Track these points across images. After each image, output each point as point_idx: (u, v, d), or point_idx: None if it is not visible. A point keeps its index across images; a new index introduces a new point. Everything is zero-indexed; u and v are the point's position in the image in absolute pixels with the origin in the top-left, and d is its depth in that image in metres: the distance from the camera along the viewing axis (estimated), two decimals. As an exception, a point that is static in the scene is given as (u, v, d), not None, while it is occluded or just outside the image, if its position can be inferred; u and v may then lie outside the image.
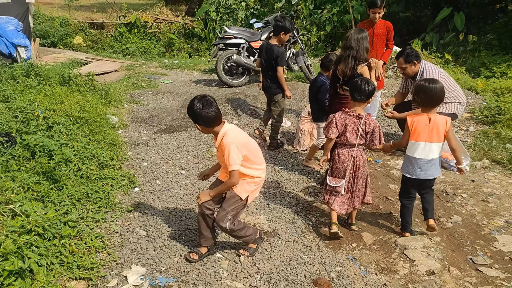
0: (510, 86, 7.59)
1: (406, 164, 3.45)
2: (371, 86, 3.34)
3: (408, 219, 3.56)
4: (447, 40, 12.26)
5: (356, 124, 3.35)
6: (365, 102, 3.38)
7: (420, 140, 3.30)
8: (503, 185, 4.43)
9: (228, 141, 2.92)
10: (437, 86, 3.27)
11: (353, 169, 3.43)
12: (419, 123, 3.30)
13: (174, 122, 6.34)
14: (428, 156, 3.32)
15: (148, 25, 15.67)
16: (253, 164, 3.07)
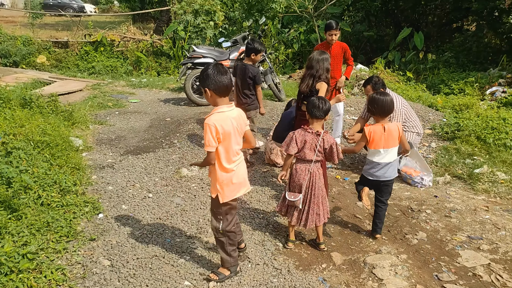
0: (467, 102, 7.91)
1: (367, 167, 3.78)
2: (328, 104, 3.54)
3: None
4: (408, 58, 12.69)
5: (314, 141, 3.50)
6: (322, 119, 3.55)
7: (379, 147, 3.65)
8: (464, 200, 4.58)
9: (208, 121, 2.91)
10: (387, 98, 3.64)
11: (309, 184, 3.55)
12: (376, 132, 3.64)
13: (142, 143, 6.26)
14: (389, 160, 3.69)
15: (115, 44, 15.54)
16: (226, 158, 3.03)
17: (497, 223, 4.03)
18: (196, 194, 4.60)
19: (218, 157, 3.01)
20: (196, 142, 6.19)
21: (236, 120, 3.03)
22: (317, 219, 3.59)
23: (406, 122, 5.25)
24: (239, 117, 3.07)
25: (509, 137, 6.04)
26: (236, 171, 3.10)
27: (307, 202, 3.57)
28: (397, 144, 3.70)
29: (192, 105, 8.55)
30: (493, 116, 6.79)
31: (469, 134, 6.21)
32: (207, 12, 14.05)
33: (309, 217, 3.57)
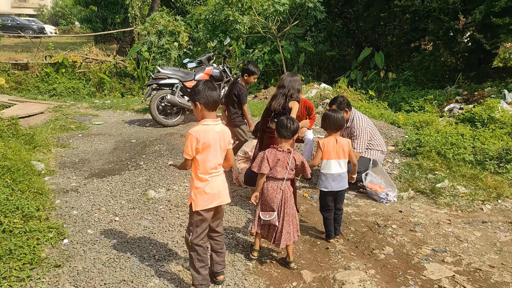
0: (427, 119, 8.22)
1: (322, 181, 4.04)
2: (296, 124, 3.67)
3: (331, 228, 4.14)
4: (370, 77, 13.09)
5: (286, 159, 3.59)
6: (290, 139, 3.67)
7: (331, 158, 3.99)
8: (427, 214, 4.71)
9: (191, 131, 3.08)
10: (339, 115, 4.05)
11: (281, 203, 3.61)
12: (329, 144, 4.00)
13: (107, 166, 6.13)
14: (340, 171, 4.01)
15: (77, 65, 15.28)
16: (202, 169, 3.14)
17: (459, 236, 4.17)
18: (164, 216, 4.54)
19: (194, 166, 3.16)
20: (163, 163, 6.13)
21: (219, 135, 3.16)
22: (288, 238, 3.63)
23: (371, 140, 5.41)
24: (222, 132, 3.19)
25: (467, 152, 6.30)
26: (211, 182, 3.18)
27: (280, 221, 3.61)
28: (347, 158, 4.05)
29: (157, 126, 8.48)
30: (451, 132, 7.08)
31: (430, 150, 6.44)
32: (171, 33, 14.09)
33: (282, 236, 3.59)
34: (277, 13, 12.88)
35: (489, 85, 10.86)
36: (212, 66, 9.11)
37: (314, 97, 10.68)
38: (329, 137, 4.06)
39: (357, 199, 5.19)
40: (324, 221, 4.16)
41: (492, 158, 6.09)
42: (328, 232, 4.15)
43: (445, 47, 12.95)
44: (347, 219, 4.61)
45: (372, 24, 15.53)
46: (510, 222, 4.49)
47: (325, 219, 4.14)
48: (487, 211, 4.82)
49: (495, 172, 5.83)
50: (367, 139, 5.34)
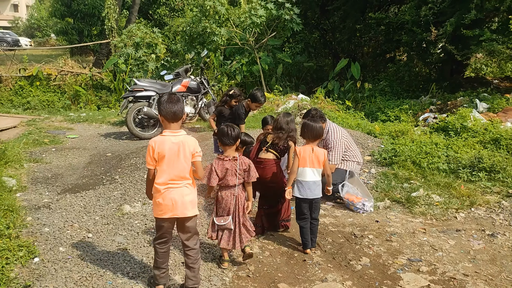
0: (402, 129, 8.33)
1: (297, 188, 4.11)
2: (236, 131, 3.82)
3: (307, 237, 4.13)
4: (347, 88, 13.25)
5: (233, 166, 3.75)
6: (233, 145, 3.80)
7: (307, 166, 4.07)
8: (403, 223, 4.75)
9: (149, 141, 3.25)
10: (317, 125, 4.15)
11: (236, 208, 3.80)
12: (305, 152, 4.08)
13: (81, 181, 6.01)
14: (314, 179, 4.09)
15: (52, 78, 15.04)
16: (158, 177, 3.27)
17: (434, 245, 4.21)
18: (139, 231, 4.45)
19: (154, 175, 3.29)
20: (139, 177, 6.04)
21: (177, 146, 3.21)
22: (246, 239, 3.86)
23: (346, 151, 5.44)
24: (182, 143, 3.23)
25: (441, 161, 6.40)
26: (165, 193, 3.25)
27: (237, 225, 3.81)
28: (322, 167, 4.13)
29: (134, 139, 8.39)
30: (426, 141, 7.18)
31: (405, 159, 6.52)
32: (148, 45, 14.02)
33: (237, 238, 3.81)
34: (254, 25, 12.96)
35: (461, 94, 11.10)
36: (189, 78, 9.10)
37: (292, 108, 10.73)
38: (306, 145, 4.15)
39: (334, 210, 5.21)
40: (301, 230, 4.17)
41: (465, 167, 6.19)
42: (305, 241, 4.14)
43: (419, 58, 13.22)
44: (324, 230, 4.61)
45: (348, 35, 15.76)
46: (483, 230, 4.57)
47: (301, 228, 4.15)
48: (460, 219, 4.89)
49: (468, 180, 5.93)
50: (342, 151, 5.37)
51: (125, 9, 24.43)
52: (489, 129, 7.65)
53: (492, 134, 7.30)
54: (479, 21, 10.79)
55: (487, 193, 5.55)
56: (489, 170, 6.00)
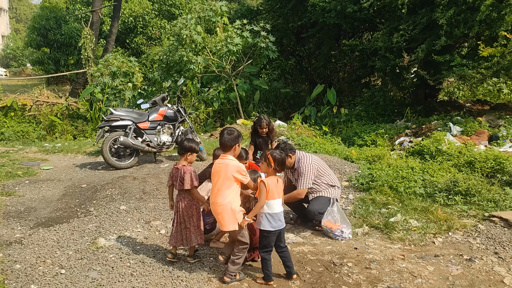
0: (379, 153, 8.44)
1: (268, 221, 4.00)
2: (189, 144, 4.36)
3: (271, 269, 4.07)
4: (323, 113, 13.43)
5: (176, 174, 4.34)
6: (184, 155, 4.36)
7: (276, 198, 4.03)
8: (382, 250, 4.74)
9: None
10: (283, 155, 4.21)
11: (176, 210, 4.36)
12: (273, 183, 4.03)
13: (54, 214, 5.84)
14: (281, 209, 4.10)
15: (27, 108, 14.81)
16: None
17: (413, 271, 4.20)
18: (114, 265, 4.32)
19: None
20: (115, 208, 5.92)
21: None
22: (176, 241, 4.34)
23: (322, 177, 5.42)
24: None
25: (418, 185, 6.48)
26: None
27: (177, 225, 4.33)
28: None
29: (110, 169, 8.25)
30: (402, 165, 7.28)
31: (382, 184, 6.58)
32: (125, 73, 13.99)
33: (178, 238, 4.33)
34: (231, 52, 13.12)
35: (435, 118, 11.36)
36: (166, 107, 9.06)
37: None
38: (271, 176, 4.10)
39: (313, 238, 5.17)
40: (264, 263, 4.03)
41: (441, 190, 6.28)
42: (269, 274, 4.03)
43: (393, 83, 13.53)
44: (303, 259, 4.56)
45: (323, 61, 16.08)
46: (461, 255, 4.59)
47: (266, 260, 4.02)
48: (438, 244, 4.91)
49: (444, 204, 6.00)
50: (312, 175, 5.34)
51: (102, 38, 24.43)
52: (463, 152, 7.81)
53: (466, 157, 7.45)
54: (449, 47, 11.17)
55: (463, 216, 5.61)
56: (464, 193, 6.09)
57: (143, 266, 4.30)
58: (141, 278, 4.06)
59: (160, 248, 4.78)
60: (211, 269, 4.30)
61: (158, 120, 8.85)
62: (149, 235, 5.17)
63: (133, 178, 7.09)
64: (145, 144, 8.37)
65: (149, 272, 4.19)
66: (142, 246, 4.81)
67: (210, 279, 4.10)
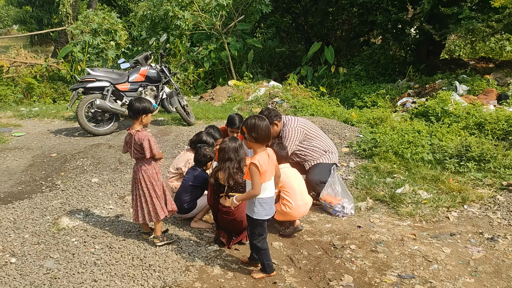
0: (381, 115, 7.71)
1: (262, 209, 3.21)
2: (144, 104, 3.65)
3: (270, 257, 3.36)
4: (320, 73, 12.59)
5: (131, 141, 3.70)
6: (137, 119, 3.68)
7: (269, 179, 3.19)
8: (389, 228, 4.09)
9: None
10: (266, 122, 3.23)
11: (134, 182, 3.78)
12: (264, 162, 3.13)
13: (16, 188, 5.14)
14: (274, 191, 3.31)
15: (4, 70, 13.86)
16: None
17: (427, 255, 3.55)
18: (75, 252, 3.66)
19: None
20: (85, 181, 5.23)
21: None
22: (136, 217, 3.78)
23: (311, 140, 4.71)
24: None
25: (425, 150, 5.80)
26: None
27: (137, 198, 3.77)
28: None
29: (87, 136, 7.52)
30: (407, 129, 6.58)
31: (387, 150, 5.89)
32: (107, 31, 12.98)
33: (139, 212, 3.76)
34: (220, 6, 12.10)
35: (440, 77, 10.60)
36: (148, 66, 8.22)
37: (263, 96, 10.01)
38: (260, 153, 3.18)
39: (310, 214, 4.49)
40: (264, 253, 3.30)
41: (452, 156, 5.61)
42: (270, 264, 3.32)
43: (394, 40, 12.65)
44: (298, 240, 3.92)
45: (320, 18, 15.08)
46: (481, 233, 3.95)
47: (264, 250, 3.29)
48: (453, 220, 4.28)
49: (456, 172, 5.35)
50: (296, 139, 4.63)
51: (86, -5, 23.02)
52: (471, 113, 7.13)
53: (476, 119, 6.79)
54: (457, -2, 10.29)
55: (478, 186, 4.96)
56: (478, 159, 5.43)
57: (110, 253, 3.64)
58: (105, 268, 3.41)
59: (133, 228, 4.12)
60: (190, 255, 3.65)
61: (139, 81, 8.03)
62: (122, 213, 4.50)
63: (109, 146, 6.36)
64: (125, 108, 7.59)
65: (116, 260, 3.54)
66: (112, 227, 4.14)
67: (188, 268, 3.45)
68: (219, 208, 3.69)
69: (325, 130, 6.95)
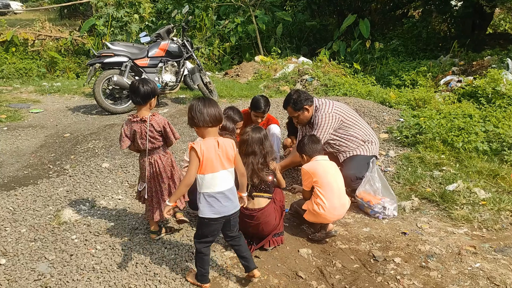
0: (423, 96, 6.93)
1: (208, 204, 2.70)
2: (149, 86, 3.11)
3: (207, 267, 2.87)
4: (354, 48, 11.74)
5: (143, 129, 3.15)
6: (145, 105, 3.15)
7: (216, 170, 2.67)
8: (442, 237, 3.42)
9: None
10: (213, 108, 2.69)
11: (152, 176, 3.25)
12: (209, 149, 2.64)
13: (22, 172, 4.72)
14: (231, 184, 2.75)
15: (29, 43, 13.58)
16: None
17: (492, 276, 2.88)
18: (74, 253, 3.19)
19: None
20: (95, 166, 4.76)
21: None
22: (156, 214, 3.28)
23: (348, 129, 4.08)
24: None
25: (480, 139, 5.04)
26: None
27: (154, 194, 3.28)
28: (233, 166, 2.76)
29: (104, 114, 7.07)
30: (457, 112, 5.81)
31: (433, 137, 5.16)
32: (131, 3, 12.43)
33: (157, 210, 3.27)
34: (249, -23, 11.33)
35: (489, 53, 9.64)
36: (169, 40, 7.65)
37: (291, 73, 9.31)
38: (207, 139, 2.69)
39: (344, 212, 3.88)
40: (200, 258, 2.81)
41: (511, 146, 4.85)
42: (204, 273, 2.83)
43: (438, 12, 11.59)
44: (330, 248, 3.33)
45: (355, -11, 14.08)
46: (558, 246, 3.25)
47: (202, 255, 2.79)
48: (520, 227, 3.58)
49: (516, 165, 4.60)
50: (330, 127, 4.00)
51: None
52: (528, 94, 6.28)
53: (534, 101, 5.94)
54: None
55: (545, 183, 4.21)
56: (544, 151, 4.66)
57: (112, 255, 3.15)
58: (104, 276, 2.92)
59: (140, 225, 3.61)
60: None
61: (160, 56, 7.47)
62: (130, 204, 4.01)
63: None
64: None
65: (118, 265, 3.04)
66: (118, 222, 3.65)
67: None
68: (241, 210, 3.13)
69: (361, 113, 6.25)
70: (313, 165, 3.38)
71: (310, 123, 4.11)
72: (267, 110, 4.49)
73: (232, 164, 2.75)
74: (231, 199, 2.72)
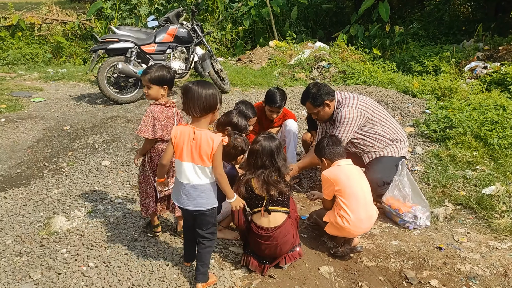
0: (449, 85, 6.41)
1: (174, 188, 2.67)
2: (168, 70, 2.92)
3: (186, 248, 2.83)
4: (372, 32, 11.13)
5: (172, 116, 2.95)
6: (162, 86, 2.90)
7: (184, 160, 2.51)
8: (483, 253, 2.98)
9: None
10: (206, 91, 2.46)
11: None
12: (183, 134, 2.50)
13: (14, 170, 4.37)
14: (196, 181, 2.52)
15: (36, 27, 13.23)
16: None
17: (550, 307, 2.47)
18: (62, 271, 2.80)
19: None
20: (95, 164, 4.38)
21: None
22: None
23: (375, 127, 3.62)
24: None
25: (517, 134, 4.54)
26: None
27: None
28: (207, 164, 2.48)
29: (109, 104, 6.69)
30: (488, 103, 5.30)
31: (465, 132, 4.67)
32: (140, -16, 11.96)
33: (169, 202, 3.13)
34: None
35: (516, 37, 9.00)
36: (178, 25, 7.20)
37: (307, 59, 8.80)
38: (186, 124, 2.54)
39: (369, 221, 3.44)
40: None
41: (553, 144, 4.35)
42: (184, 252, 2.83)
43: (462, -7, 10.93)
44: (355, 265, 2.90)
45: (373, -31, 13.35)
46: None
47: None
48: None
49: (559, 165, 4.10)
50: (354, 125, 3.55)
51: None
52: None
53: None
54: None
55: None
56: None
57: (106, 274, 2.77)
58: (95, 301, 2.55)
59: (140, 236, 3.22)
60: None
61: (168, 41, 7.03)
62: (131, 210, 3.62)
63: (127, 120, 5.45)
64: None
65: None
66: (115, 232, 3.27)
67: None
68: (254, 230, 2.71)
69: (383, 103, 5.77)
70: (335, 171, 2.95)
71: (332, 119, 3.67)
72: (283, 105, 4.06)
73: (206, 163, 2.48)
74: (193, 196, 2.52)
